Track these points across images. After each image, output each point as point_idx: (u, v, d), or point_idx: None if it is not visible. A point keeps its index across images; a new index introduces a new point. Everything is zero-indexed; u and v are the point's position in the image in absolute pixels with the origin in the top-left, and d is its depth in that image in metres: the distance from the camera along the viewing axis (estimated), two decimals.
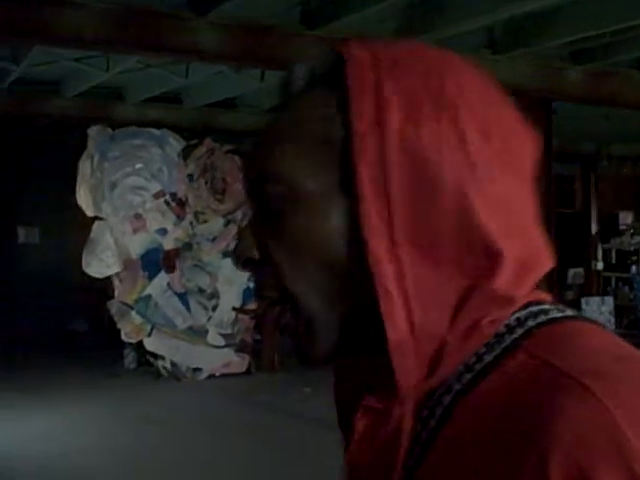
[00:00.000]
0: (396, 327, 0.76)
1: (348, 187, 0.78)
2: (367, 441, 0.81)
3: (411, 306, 0.76)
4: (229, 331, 11.14)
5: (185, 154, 11.06)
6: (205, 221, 11.16)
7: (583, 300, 10.93)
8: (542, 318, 0.78)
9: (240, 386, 10.43)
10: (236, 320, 11.16)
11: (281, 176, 0.81)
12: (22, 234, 13.49)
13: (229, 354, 11.11)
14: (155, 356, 10.86)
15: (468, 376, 0.77)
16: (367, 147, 0.77)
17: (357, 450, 0.82)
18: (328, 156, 0.80)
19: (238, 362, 11.11)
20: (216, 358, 11.00)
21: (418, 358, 0.77)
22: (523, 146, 0.84)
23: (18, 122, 12.14)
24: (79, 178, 10.51)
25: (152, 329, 10.73)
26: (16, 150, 13.04)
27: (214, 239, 11.15)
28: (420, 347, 0.76)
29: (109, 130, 10.71)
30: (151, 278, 10.82)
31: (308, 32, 7.33)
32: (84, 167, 10.55)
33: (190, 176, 11.08)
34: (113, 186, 10.60)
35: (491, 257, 0.78)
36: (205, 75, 9.89)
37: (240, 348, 11.17)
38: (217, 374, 10.92)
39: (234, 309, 11.08)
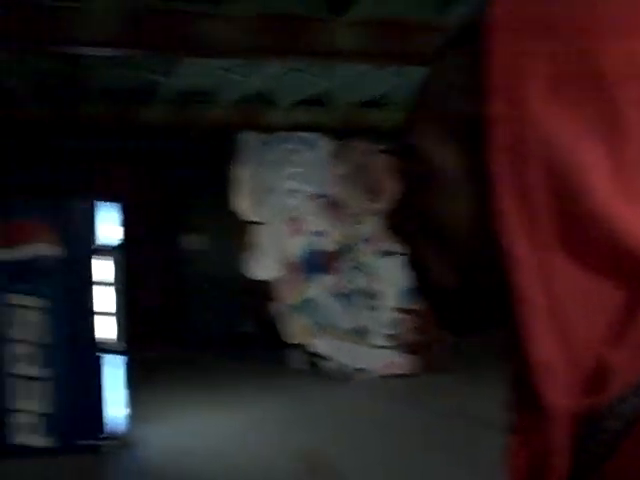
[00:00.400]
0: (541, 344, 0.65)
1: (482, 173, 0.67)
2: (521, 453, 0.70)
3: (563, 320, 0.65)
4: (392, 331, 11.08)
5: (336, 155, 11.07)
6: (360, 222, 11.13)
7: None
8: None
9: (404, 386, 10.36)
10: (399, 320, 11.08)
11: (416, 152, 0.74)
12: (185, 241, 13.96)
13: (392, 354, 11.04)
14: (320, 357, 10.94)
15: (637, 402, 0.63)
16: (501, 131, 0.65)
17: (514, 460, 0.71)
18: (459, 134, 0.70)
19: (402, 362, 11.04)
20: (379, 358, 10.98)
21: (572, 377, 0.65)
22: None
23: (176, 132, 12.52)
24: (235, 184, 10.71)
25: (316, 330, 10.82)
26: (175, 160, 13.48)
27: (370, 239, 11.10)
28: (574, 366, 0.65)
29: (262, 136, 10.87)
30: (311, 280, 10.91)
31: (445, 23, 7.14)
32: (240, 173, 10.75)
33: (342, 177, 11.08)
34: (269, 191, 10.78)
35: None
36: (349, 74, 9.85)
37: (403, 348, 11.08)
38: (381, 374, 10.86)
39: (396, 309, 11.01)
